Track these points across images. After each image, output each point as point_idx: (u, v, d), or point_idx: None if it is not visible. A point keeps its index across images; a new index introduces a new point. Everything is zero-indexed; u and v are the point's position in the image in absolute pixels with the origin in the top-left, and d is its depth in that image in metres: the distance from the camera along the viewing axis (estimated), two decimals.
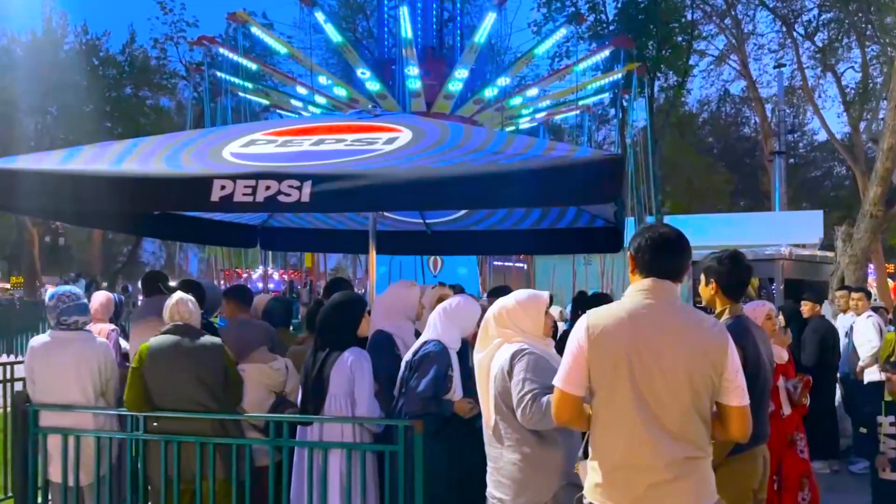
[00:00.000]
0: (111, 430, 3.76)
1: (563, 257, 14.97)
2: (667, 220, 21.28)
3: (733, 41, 30.97)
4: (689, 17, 26.55)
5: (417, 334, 4.11)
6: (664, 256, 2.35)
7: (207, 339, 3.61)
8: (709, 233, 16.41)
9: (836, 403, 7.08)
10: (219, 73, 16.53)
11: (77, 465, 3.64)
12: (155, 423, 3.56)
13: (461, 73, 15.29)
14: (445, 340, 3.65)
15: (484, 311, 3.22)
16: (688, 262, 2.44)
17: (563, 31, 17.27)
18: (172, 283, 5.84)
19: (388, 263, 14.49)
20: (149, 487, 3.72)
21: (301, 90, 17.15)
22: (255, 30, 15.78)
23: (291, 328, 5.85)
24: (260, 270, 38.13)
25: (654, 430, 2.23)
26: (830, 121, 28.69)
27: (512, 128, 18.27)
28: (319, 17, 15.02)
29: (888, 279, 20.96)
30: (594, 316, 2.31)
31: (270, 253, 30.27)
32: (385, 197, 3.82)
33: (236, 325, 4.26)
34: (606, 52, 15.88)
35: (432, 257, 14.38)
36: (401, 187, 3.71)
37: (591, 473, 2.37)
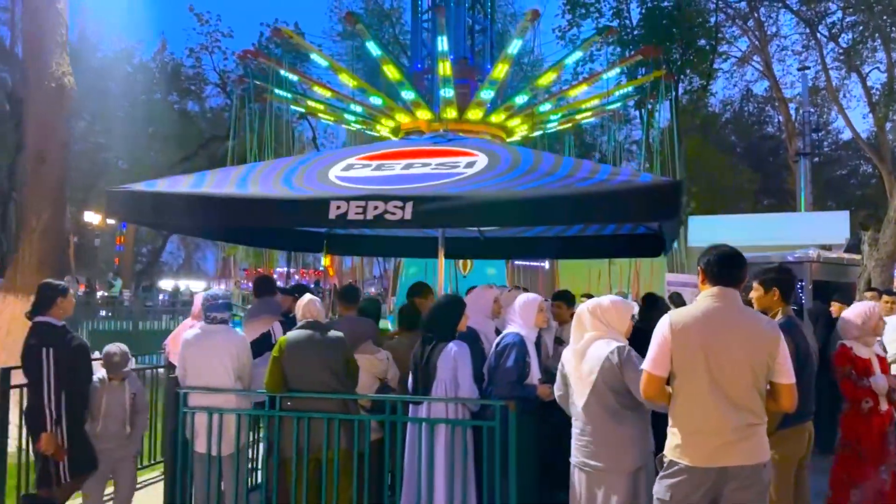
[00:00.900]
0: (247, 408, 4.55)
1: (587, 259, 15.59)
2: (692, 220, 21.86)
3: (756, 43, 31.40)
4: (712, 21, 27.14)
5: (498, 331, 4.88)
6: (728, 270, 3.09)
7: (333, 333, 4.38)
8: (735, 233, 16.96)
9: None
10: (258, 82, 17.32)
11: (220, 438, 4.42)
12: (289, 403, 4.33)
13: (494, 80, 15.98)
14: (523, 332, 4.40)
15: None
16: (745, 273, 3.18)
17: (595, 39, 17.88)
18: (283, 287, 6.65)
19: (418, 264, 15.29)
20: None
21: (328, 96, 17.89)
22: (296, 43, 16.48)
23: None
24: (281, 270, 39.20)
25: (723, 403, 2.96)
26: (855, 120, 29.05)
27: (539, 132, 19.08)
28: (362, 32, 15.77)
29: None
30: (676, 315, 3.05)
31: (291, 253, 31.28)
32: (475, 215, 4.57)
33: (346, 320, 5.02)
34: (634, 61, 16.53)
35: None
36: (488, 207, 4.46)
37: (671, 437, 3.10)
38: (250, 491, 4.81)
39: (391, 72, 16.43)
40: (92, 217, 26.15)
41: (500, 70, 16.00)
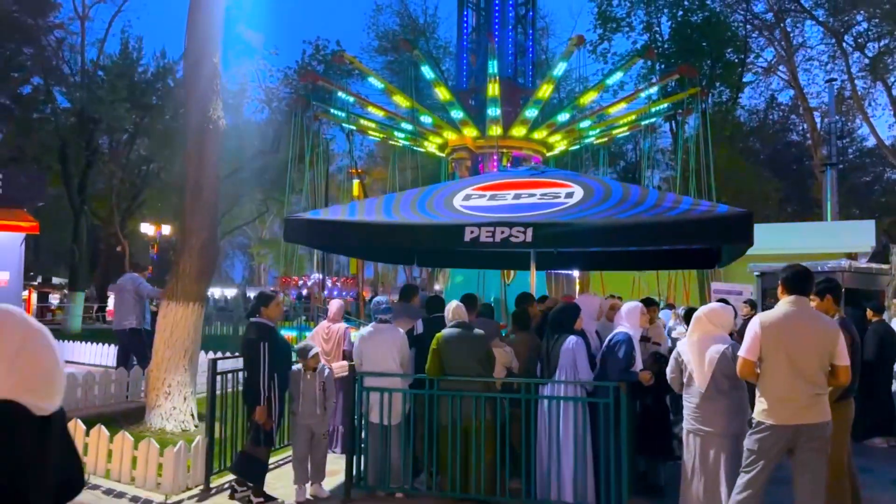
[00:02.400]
0: (408, 388, 5.89)
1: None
2: None
3: (782, 53, 32.44)
4: (741, 34, 28.29)
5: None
6: (801, 283, 4.39)
7: (477, 331, 5.71)
8: (765, 242, 18.08)
9: (893, 390, 8.93)
10: (315, 102, 18.69)
11: (390, 411, 5.75)
12: (444, 384, 5.65)
13: (536, 103, 17.29)
14: (630, 332, 5.69)
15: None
16: (812, 285, 4.46)
17: (635, 60, 19.15)
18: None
19: (463, 273, 16.63)
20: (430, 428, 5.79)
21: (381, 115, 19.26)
22: (356, 68, 17.78)
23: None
24: (314, 277, 40.64)
25: (798, 379, 4.25)
26: (880, 127, 29.93)
27: (577, 146, 20.39)
28: (418, 57, 17.14)
29: None
30: (764, 316, 4.35)
31: (322, 263, 32.71)
32: (586, 239, 5.88)
33: (478, 322, 6.33)
34: (672, 78, 17.79)
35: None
36: (597, 231, 5.76)
37: (759, 404, 4.37)
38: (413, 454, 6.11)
39: (442, 93, 17.80)
40: (147, 228, 27.67)
41: (545, 90, 17.36)
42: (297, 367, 5.82)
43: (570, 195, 6.46)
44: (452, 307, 5.84)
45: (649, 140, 28.06)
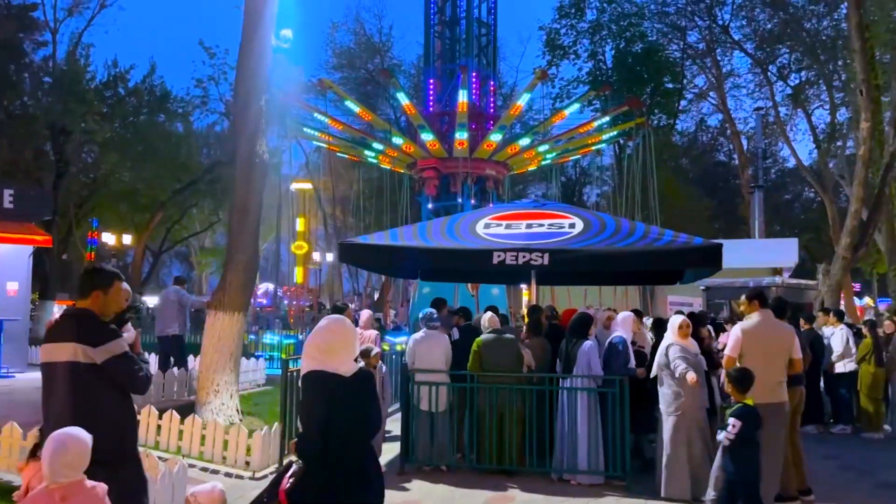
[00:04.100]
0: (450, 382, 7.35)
1: None
2: None
3: (713, 80, 35.16)
4: (677, 63, 30.78)
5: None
6: (765, 299, 6.07)
7: (508, 335, 7.22)
8: None
9: (821, 388, 10.84)
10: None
11: (437, 401, 7.20)
12: (484, 379, 7.14)
13: (502, 127, 19.04)
14: (625, 336, 7.30)
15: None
16: (776, 301, 6.17)
17: (589, 95, 21.11)
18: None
19: (431, 285, 18.16)
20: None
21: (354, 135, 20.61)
22: (335, 93, 19.06)
23: None
24: (266, 287, 41.53)
25: (768, 369, 5.91)
26: (801, 151, 32.79)
27: (534, 167, 22.25)
28: (395, 84, 18.63)
29: (854, 300, 24.96)
30: (745, 324, 6.01)
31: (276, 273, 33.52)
32: (593, 262, 7.48)
33: (501, 329, 7.82)
34: (621, 111, 19.82)
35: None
36: (602, 257, 7.39)
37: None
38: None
39: (413, 116, 19.32)
40: (108, 237, 28.08)
41: (510, 118, 19.08)
42: (360, 364, 7.20)
43: (572, 226, 8.08)
44: (487, 317, 7.38)
45: (589, 158, 30.24)
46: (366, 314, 9.03)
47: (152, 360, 12.25)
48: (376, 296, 42.72)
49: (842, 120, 30.58)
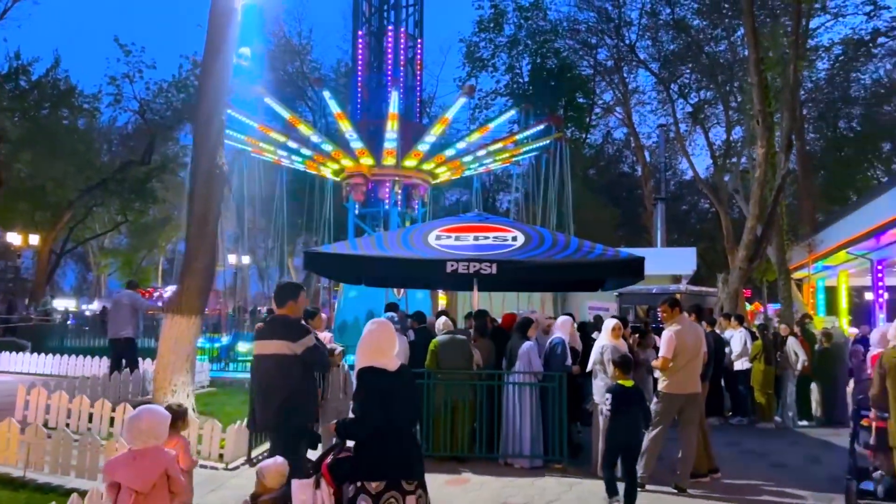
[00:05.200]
0: None
1: None
2: None
3: (619, 96, 37.34)
4: (590, 84, 32.63)
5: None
6: (682, 307, 7.23)
7: (460, 337, 8.12)
8: None
9: (722, 384, 12.28)
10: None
11: None
12: (440, 375, 8.01)
13: (430, 139, 19.90)
14: (564, 338, 8.35)
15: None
16: (695, 307, 7.34)
17: (511, 112, 22.31)
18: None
19: (356, 289, 18.94)
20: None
21: (277, 139, 20.95)
22: (267, 100, 19.42)
23: None
24: (170, 289, 40.78)
25: (692, 363, 7.06)
26: (699, 164, 35.27)
27: (458, 177, 23.30)
28: (326, 94, 19.21)
29: (746, 305, 27.20)
30: (675, 328, 7.12)
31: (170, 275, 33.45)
32: (536, 273, 8.50)
33: (454, 332, 8.71)
34: (541, 127, 21.12)
35: None
36: (544, 268, 8.42)
37: (664, 383, 7.14)
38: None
39: (344, 125, 19.92)
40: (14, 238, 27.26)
41: (438, 129, 20.00)
42: None
43: (515, 239, 9.09)
44: (442, 321, 8.27)
45: (503, 167, 31.57)
46: (322, 317, 9.71)
47: (104, 362, 12.51)
48: None
49: (737, 138, 33.22)
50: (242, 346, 19.65)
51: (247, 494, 5.15)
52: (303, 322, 5.32)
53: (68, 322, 27.72)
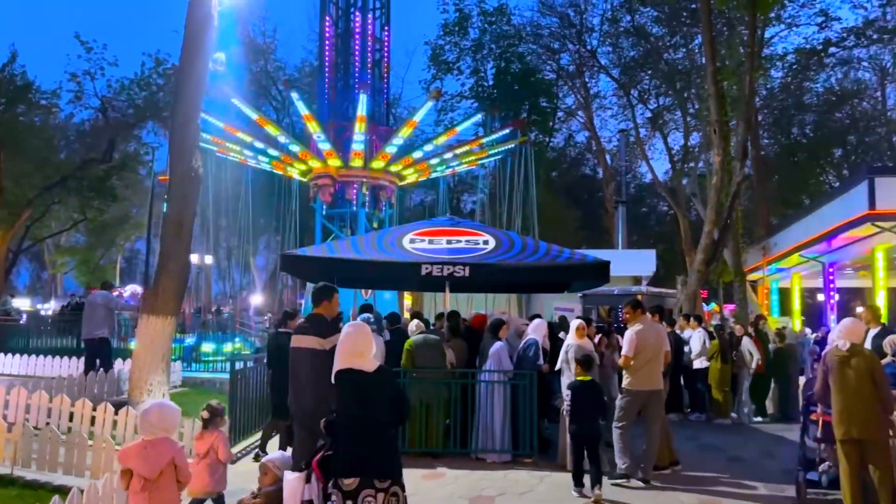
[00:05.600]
0: None
1: None
2: None
3: (581, 100, 37.99)
4: (553, 88, 33.18)
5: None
6: (644, 307, 7.67)
7: (434, 337, 8.45)
8: None
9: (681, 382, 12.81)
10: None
11: None
12: (415, 374, 8.32)
13: (398, 140, 20.19)
14: (537, 339, 8.73)
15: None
16: (656, 308, 7.77)
17: (477, 117, 22.68)
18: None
19: None
20: None
21: (245, 140, 21.00)
22: (235, 101, 19.46)
23: None
24: (133, 289, 40.57)
25: (654, 361, 7.50)
26: (658, 168, 36.16)
27: (424, 178, 23.63)
28: (294, 95, 19.36)
29: (703, 305, 28.01)
30: (637, 328, 7.54)
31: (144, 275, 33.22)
32: (506, 275, 8.86)
33: (427, 332, 9.02)
34: (506, 131, 21.56)
35: None
36: (513, 270, 8.79)
37: (629, 380, 7.55)
38: None
39: (313, 126, 20.08)
40: None
41: (405, 132, 20.29)
42: None
43: (486, 242, 9.44)
44: (415, 323, 8.64)
45: (467, 169, 32.00)
46: (297, 321, 9.96)
47: (73, 362, 12.54)
48: (251, 300, 42.64)
49: (694, 143, 34.16)
50: (207, 347, 19.71)
51: (228, 492, 5.47)
52: (334, 321, 5.72)
53: (20, 322, 27.19)
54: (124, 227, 44.70)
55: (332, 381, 4.27)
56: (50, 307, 41.79)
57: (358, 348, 4.31)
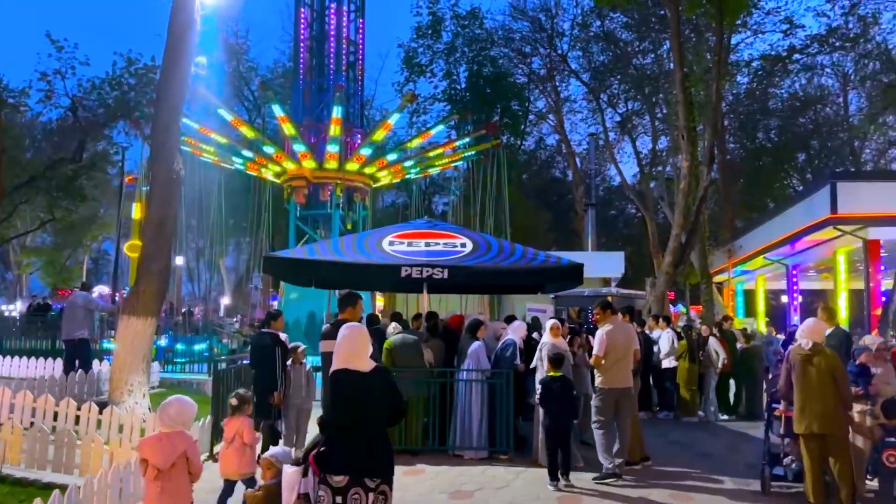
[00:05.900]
0: None
1: None
2: None
3: (552, 104, 38.44)
4: (525, 92, 33.58)
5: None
6: (613, 308, 7.98)
7: (412, 337, 8.68)
8: None
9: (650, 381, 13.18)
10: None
11: None
12: (394, 374, 8.51)
13: (372, 142, 20.37)
14: (515, 339, 9.00)
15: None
16: (627, 308, 8.08)
17: (452, 118, 22.95)
18: None
19: (298, 291, 19.22)
20: None
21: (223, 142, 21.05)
22: (207, 99, 19.50)
23: None
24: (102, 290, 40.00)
25: (625, 360, 7.80)
26: (626, 172, 36.73)
27: (398, 180, 23.83)
28: (270, 98, 19.44)
29: (670, 307, 28.60)
30: (606, 328, 7.84)
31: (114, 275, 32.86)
32: (485, 277, 9.13)
33: (405, 332, 9.25)
34: (479, 134, 21.88)
35: None
36: (491, 273, 9.06)
37: (601, 379, 7.84)
38: None
39: (288, 128, 20.17)
40: None
41: (379, 134, 20.49)
42: (288, 362, 8.34)
43: (463, 245, 9.70)
44: (392, 325, 8.84)
45: (439, 171, 32.32)
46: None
47: (49, 363, 12.53)
48: (221, 301, 42.48)
49: (662, 147, 34.81)
50: (179, 347, 19.68)
51: (211, 489, 5.68)
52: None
53: None
54: (92, 227, 44.17)
55: (330, 379, 4.38)
56: (15, 308, 41.14)
57: (355, 349, 4.41)
